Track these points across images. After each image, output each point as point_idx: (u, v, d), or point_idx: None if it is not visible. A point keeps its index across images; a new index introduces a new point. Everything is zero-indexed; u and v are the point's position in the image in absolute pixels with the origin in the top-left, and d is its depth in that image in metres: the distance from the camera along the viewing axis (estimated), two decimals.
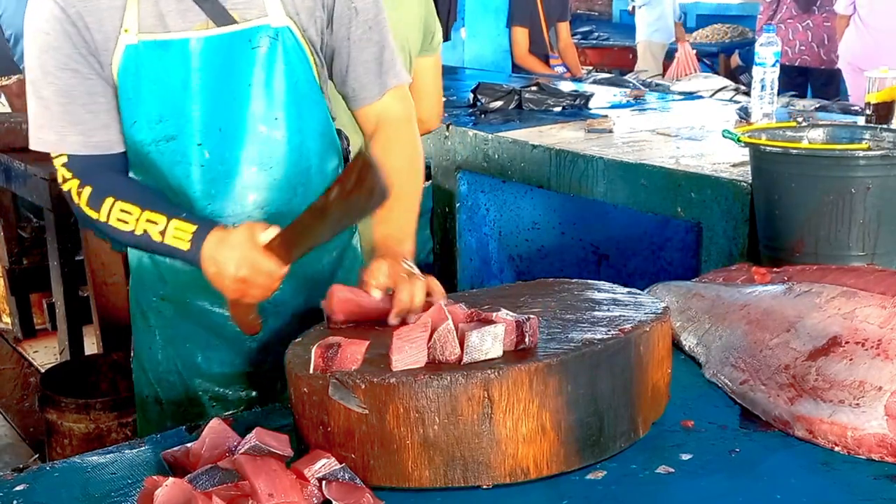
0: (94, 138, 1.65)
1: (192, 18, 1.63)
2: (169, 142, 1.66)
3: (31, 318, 4.77)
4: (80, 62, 1.62)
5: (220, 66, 1.64)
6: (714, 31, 8.93)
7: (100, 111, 1.65)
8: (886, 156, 1.94)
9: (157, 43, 1.61)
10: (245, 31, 1.64)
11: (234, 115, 1.66)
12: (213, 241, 1.56)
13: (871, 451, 1.33)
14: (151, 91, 1.63)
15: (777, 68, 3.06)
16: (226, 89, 1.65)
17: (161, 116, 1.64)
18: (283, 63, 1.67)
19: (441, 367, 1.26)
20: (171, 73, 1.63)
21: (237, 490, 1.14)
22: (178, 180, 1.68)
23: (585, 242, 3.76)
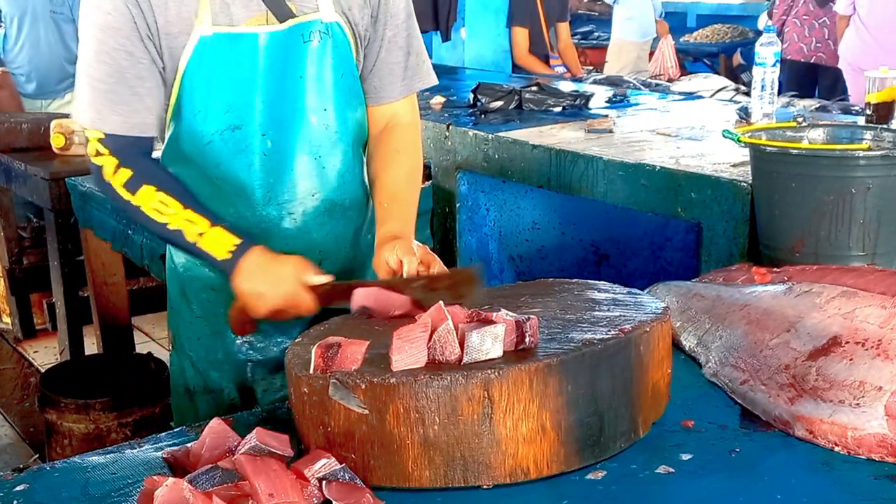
0: (133, 119, 1.68)
1: (254, 8, 1.69)
2: (234, 131, 1.72)
3: (31, 318, 4.78)
4: (137, 45, 1.66)
5: (279, 59, 1.70)
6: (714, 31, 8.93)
7: (144, 94, 1.69)
8: (886, 156, 1.94)
9: (229, 36, 1.67)
10: (299, 26, 1.71)
11: (289, 106, 1.73)
12: (257, 259, 1.62)
13: (872, 451, 1.33)
14: (221, 82, 1.69)
15: (777, 68, 3.06)
16: (283, 81, 1.72)
17: (229, 107, 1.71)
18: (332, 57, 1.74)
19: (441, 367, 1.26)
20: (239, 65, 1.69)
21: (237, 490, 1.14)
22: (238, 169, 1.74)
23: (585, 242, 3.76)
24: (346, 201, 1.84)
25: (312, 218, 1.81)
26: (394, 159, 1.83)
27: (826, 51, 6.60)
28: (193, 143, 1.73)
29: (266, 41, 1.69)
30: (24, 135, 3.89)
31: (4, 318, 4.86)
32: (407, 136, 1.87)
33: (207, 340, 1.91)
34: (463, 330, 1.29)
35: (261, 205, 1.77)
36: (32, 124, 3.91)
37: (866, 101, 2.93)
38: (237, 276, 1.62)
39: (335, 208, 1.83)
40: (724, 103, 4.03)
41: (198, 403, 1.95)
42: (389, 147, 1.84)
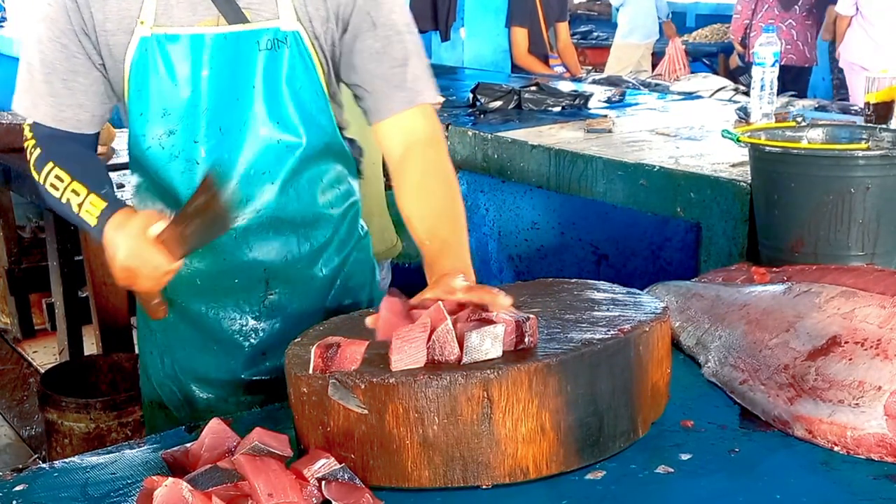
0: (63, 114, 1.67)
1: (203, 12, 1.62)
2: (169, 136, 1.66)
3: (30, 318, 4.77)
4: (71, 39, 1.63)
5: (226, 64, 1.63)
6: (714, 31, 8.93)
7: (77, 90, 1.66)
8: (886, 156, 1.94)
9: (168, 37, 1.61)
10: (253, 32, 1.63)
11: (235, 117, 1.65)
12: (115, 223, 1.57)
13: (871, 450, 1.33)
14: (159, 84, 1.63)
15: (776, 68, 3.06)
16: (230, 89, 1.64)
17: (165, 111, 1.65)
18: (289, 68, 1.65)
19: (441, 367, 1.26)
20: (179, 67, 1.62)
21: (236, 490, 1.14)
22: (172, 177, 1.68)
23: (585, 242, 3.76)
24: (297, 218, 1.73)
25: (253, 233, 1.71)
26: (422, 188, 1.65)
27: (796, 52, 6.65)
28: (138, 145, 1.69)
29: (210, 43, 1.61)
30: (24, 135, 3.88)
31: (4, 319, 4.86)
32: (428, 155, 1.68)
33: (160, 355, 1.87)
34: (462, 330, 1.29)
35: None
36: None
37: (866, 101, 2.93)
38: (104, 242, 1.58)
39: (282, 224, 1.72)
40: (724, 103, 4.04)
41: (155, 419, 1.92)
42: (413, 175, 1.66)
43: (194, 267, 1.73)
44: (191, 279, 1.74)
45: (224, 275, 1.74)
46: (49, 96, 1.66)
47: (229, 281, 1.74)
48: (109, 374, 3.31)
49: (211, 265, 1.73)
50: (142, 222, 1.53)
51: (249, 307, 1.77)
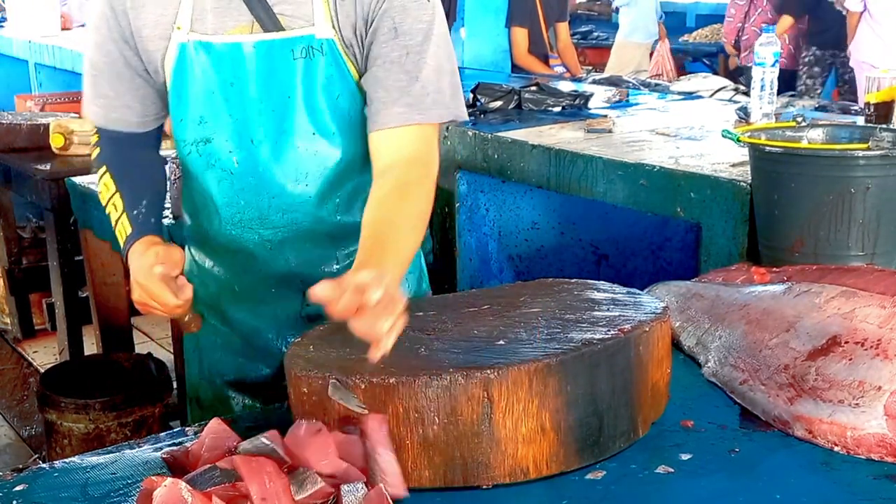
0: (112, 114, 1.70)
1: (239, 18, 1.60)
2: (206, 144, 1.66)
3: (30, 318, 4.78)
4: (111, 46, 1.66)
5: (262, 74, 1.60)
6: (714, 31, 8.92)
7: (122, 92, 1.68)
8: (886, 156, 1.94)
9: (204, 44, 1.60)
10: (288, 41, 1.59)
11: (270, 126, 1.63)
12: (134, 253, 1.61)
13: (871, 450, 1.33)
14: (196, 91, 1.63)
15: (777, 68, 3.06)
16: (266, 99, 1.61)
17: (201, 118, 1.65)
18: (325, 76, 1.61)
19: (441, 367, 1.26)
20: (215, 75, 1.61)
21: (235, 490, 1.14)
22: (209, 184, 1.69)
23: (585, 242, 3.76)
24: (335, 229, 1.71)
25: (289, 244, 1.69)
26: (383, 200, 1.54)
27: (787, 56, 6.66)
28: (179, 150, 1.70)
29: (246, 52, 1.59)
30: (23, 135, 3.89)
31: (4, 318, 4.86)
32: (408, 175, 1.56)
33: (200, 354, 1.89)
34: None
35: (227, 224, 1.69)
36: (32, 124, 3.91)
37: (866, 101, 2.93)
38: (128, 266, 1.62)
39: (321, 237, 1.71)
40: (724, 103, 4.03)
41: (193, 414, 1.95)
42: (381, 190, 1.55)
43: (232, 275, 1.75)
44: (229, 285, 1.75)
45: (261, 284, 1.74)
46: (98, 98, 1.70)
47: (266, 291, 1.75)
48: (109, 374, 3.31)
49: (248, 275, 1.74)
50: (151, 260, 1.55)
51: (286, 317, 1.77)
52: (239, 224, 1.69)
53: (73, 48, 6.08)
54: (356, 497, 1.14)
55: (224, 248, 1.73)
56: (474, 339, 1.39)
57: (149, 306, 1.57)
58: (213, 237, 1.73)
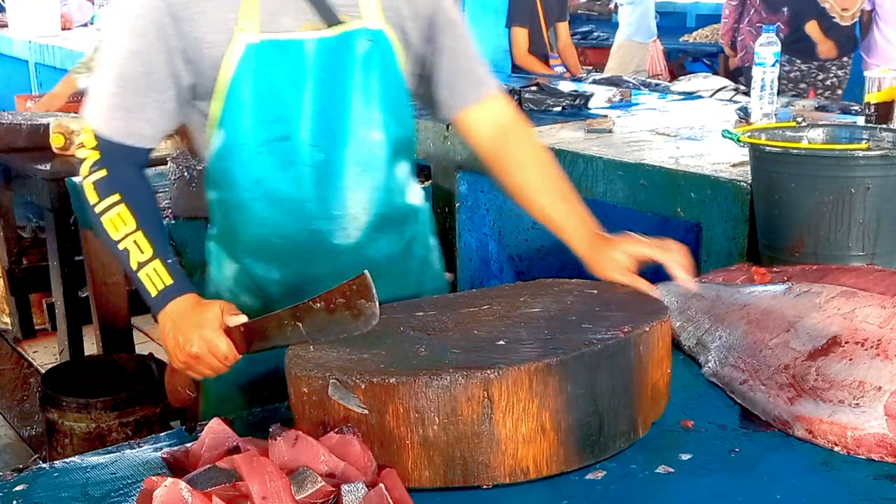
0: (132, 128, 1.63)
1: (302, 17, 1.64)
2: (282, 142, 1.66)
3: (30, 318, 4.77)
4: (156, 55, 1.60)
5: (328, 67, 1.66)
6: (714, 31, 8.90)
7: (149, 105, 1.63)
8: (886, 156, 1.94)
9: (277, 43, 1.62)
10: (348, 34, 1.66)
11: (338, 116, 1.68)
12: (182, 305, 1.54)
13: (871, 451, 1.33)
14: (270, 91, 1.63)
15: (777, 68, 3.06)
16: (331, 90, 1.67)
17: (277, 116, 1.65)
18: (379, 66, 1.69)
19: (441, 367, 1.26)
20: (288, 73, 1.64)
21: (235, 490, 1.14)
22: (287, 182, 1.68)
23: None
24: (396, 214, 1.79)
25: (365, 233, 1.74)
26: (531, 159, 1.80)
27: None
28: (240, 155, 1.66)
29: (315, 48, 1.64)
30: (24, 135, 3.88)
31: (4, 318, 4.86)
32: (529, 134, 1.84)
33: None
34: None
35: (312, 218, 1.70)
36: (32, 124, 3.91)
37: (866, 101, 2.93)
38: (161, 318, 1.56)
39: (385, 223, 1.77)
40: (724, 103, 4.03)
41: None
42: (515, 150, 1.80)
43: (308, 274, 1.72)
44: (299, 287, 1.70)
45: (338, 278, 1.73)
46: (121, 110, 1.62)
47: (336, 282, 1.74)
48: (110, 375, 3.31)
49: (326, 269, 1.71)
50: (217, 313, 1.51)
51: None
52: (321, 217, 1.71)
53: (73, 48, 6.09)
54: (356, 497, 1.14)
55: (296, 247, 1.72)
56: (474, 339, 1.39)
57: (201, 362, 1.51)
58: (285, 236, 1.71)
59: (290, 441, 1.20)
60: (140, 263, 1.56)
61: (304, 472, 1.15)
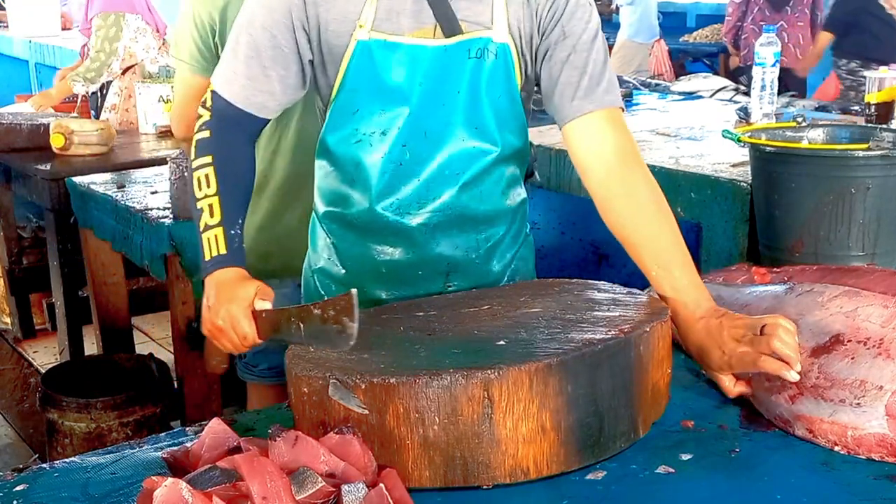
0: (254, 98, 1.69)
1: (423, 20, 1.67)
2: (381, 136, 1.71)
3: (30, 318, 4.77)
4: (284, 32, 1.66)
5: (439, 73, 1.68)
6: (714, 31, 8.91)
7: (273, 78, 1.68)
8: (886, 156, 1.94)
9: (387, 44, 1.66)
10: (469, 42, 1.68)
11: (439, 120, 1.70)
12: (225, 276, 1.58)
13: (871, 450, 1.33)
14: (376, 86, 1.68)
15: (777, 68, 3.06)
16: (438, 94, 1.69)
17: (380, 111, 1.70)
18: (493, 77, 1.70)
19: (441, 367, 1.26)
20: (396, 74, 1.67)
21: (236, 490, 1.14)
22: (376, 174, 1.73)
23: (585, 242, 3.76)
24: (480, 215, 1.80)
25: (441, 230, 1.77)
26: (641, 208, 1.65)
27: (787, 55, 6.61)
28: (343, 138, 1.73)
29: (428, 55, 1.67)
30: (24, 135, 3.88)
31: (4, 318, 4.86)
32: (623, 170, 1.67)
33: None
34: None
35: (391, 211, 1.75)
36: (32, 124, 3.91)
37: (866, 101, 2.93)
38: (206, 283, 1.60)
39: (466, 223, 1.79)
40: (724, 103, 4.04)
41: None
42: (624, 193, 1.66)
43: (384, 257, 1.79)
44: (376, 267, 1.79)
45: (411, 266, 1.79)
46: (245, 78, 1.68)
47: (413, 272, 1.80)
48: (110, 375, 3.31)
49: (400, 256, 1.79)
50: (251, 293, 1.54)
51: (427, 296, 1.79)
52: (398, 210, 1.75)
53: (73, 48, 6.08)
54: (356, 497, 1.14)
55: (378, 232, 1.77)
56: (474, 339, 1.39)
57: (224, 335, 1.55)
58: (368, 222, 1.77)
59: (290, 441, 1.20)
60: (207, 226, 1.62)
61: (304, 473, 1.15)
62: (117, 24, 4.42)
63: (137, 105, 4.27)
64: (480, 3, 1.68)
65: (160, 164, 3.28)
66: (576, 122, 1.71)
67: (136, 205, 3.03)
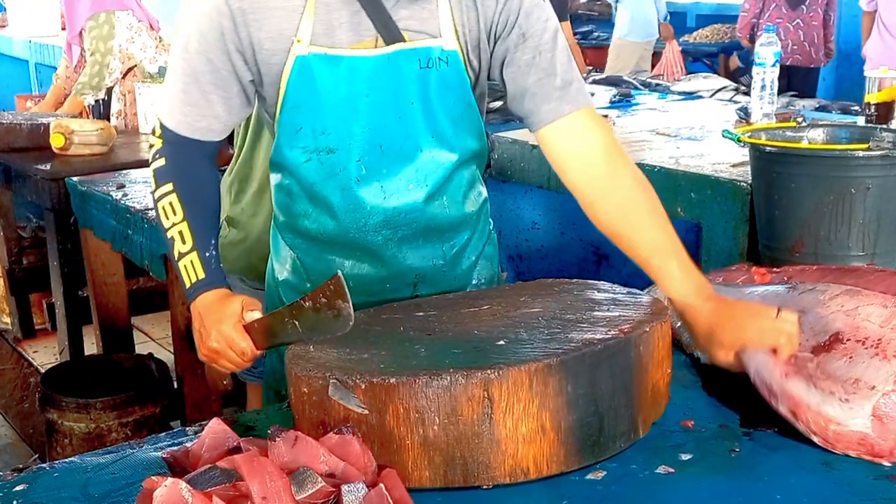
0: (197, 123, 1.67)
1: (363, 33, 1.63)
2: (329, 154, 1.68)
3: (30, 318, 4.77)
4: (219, 55, 1.63)
5: (387, 84, 1.65)
6: (714, 32, 8.92)
7: (215, 102, 1.66)
8: (886, 156, 1.94)
9: (327, 57, 1.62)
10: (415, 51, 1.64)
11: (395, 133, 1.67)
12: (208, 300, 1.58)
13: (849, 447, 1.33)
14: (318, 103, 1.64)
15: (777, 68, 3.06)
16: (390, 107, 1.66)
17: (325, 128, 1.66)
18: (445, 85, 1.67)
19: (441, 367, 1.26)
20: (338, 87, 1.64)
21: (235, 490, 1.14)
22: (331, 192, 1.70)
23: (585, 242, 3.76)
24: (445, 224, 1.78)
25: (407, 242, 1.76)
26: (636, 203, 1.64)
27: (802, 52, 6.63)
28: (292, 158, 1.70)
29: (369, 65, 1.63)
30: (23, 135, 3.88)
31: (4, 318, 4.86)
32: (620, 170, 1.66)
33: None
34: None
35: (352, 229, 1.73)
36: (32, 124, 3.91)
37: (866, 101, 2.93)
38: (192, 310, 1.60)
39: (432, 233, 1.77)
40: (724, 103, 4.04)
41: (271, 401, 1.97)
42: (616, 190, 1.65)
43: (351, 272, 1.76)
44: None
45: (379, 280, 1.78)
46: (185, 105, 1.66)
47: (381, 286, 1.78)
48: (110, 375, 3.31)
49: (369, 271, 1.77)
50: (237, 309, 1.54)
51: None
52: (363, 228, 1.72)
53: None
54: (356, 497, 1.14)
55: (343, 247, 1.75)
56: (474, 339, 1.39)
57: (222, 356, 1.55)
58: (332, 238, 1.75)
59: (289, 441, 1.20)
60: (181, 254, 1.61)
61: (304, 473, 1.15)
62: (109, 21, 4.38)
63: (137, 105, 4.27)
64: (424, 10, 1.64)
65: None
66: (554, 125, 1.67)
67: (136, 205, 3.03)
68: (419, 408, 1.23)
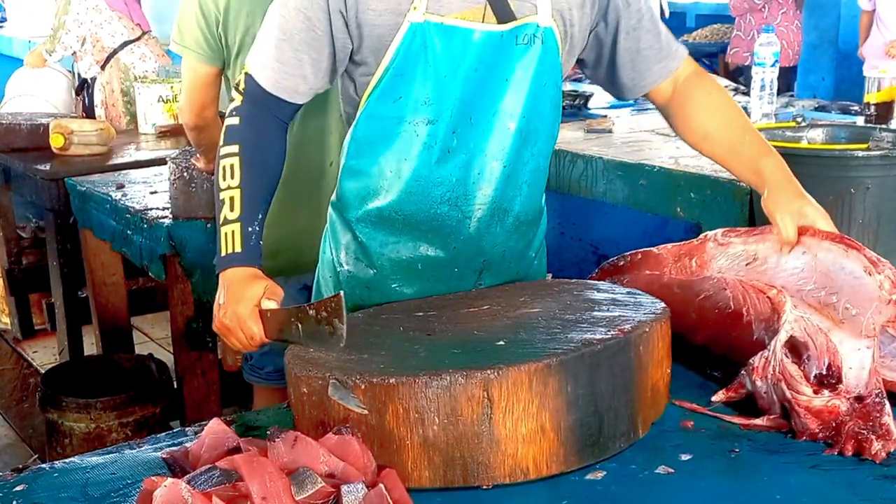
0: (285, 82, 1.66)
1: (473, 2, 1.63)
2: (427, 125, 1.66)
3: (30, 318, 4.77)
4: (318, 14, 1.62)
5: (489, 59, 1.65)
6: (714, 32, 8.91)
7: (305, 62, 1.65)
8: (886, 156, 1.94)
9: (442, 27, 1.61)
10: (516, 28, 1.64)
11: (485, 108, 1.67)
12: (237, 275, 1.58)
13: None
14: (425, 72, 1.63)
15: (776, 68, 3.06)
16: (486, 81, 1.66)
17: (428, 98, 1.65)
18: (539, 63, 1.67)
19: (441, 367, 1.26)
20: (447, 58, 1.63)
21: (235, 490, 1.14)
22: (422, 163, 1.69)
23: (585, 242, 3.76)
24: (523, 215, 1.77)
25: (485, 225, 1.74)
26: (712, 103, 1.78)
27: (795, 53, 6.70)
28: (386, 127, 1.68)
29: (481, 39, 1.63)
30: (23, 135, 3.88)
31: (4, 319, 4.86)
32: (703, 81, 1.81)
33: None
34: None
35: (435, 202, 1.71)
36: (32, 124, 3.91)
37: (865, 101, 2.93)
38: (220, 279, 1.60)
39: (509, 219, 1.75)
40: None
41: None
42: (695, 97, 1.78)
43: (420, 253, 1.74)
44: (412, 264, 1.75)
45: (449, 263, 1.75)
46: (276, 62, 1.65)
47: (449, 269, 1.76)
48: (110, 375, 3.31)
49: (438, 252, 1.74)
50: (259, 293, 1.54)
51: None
52: (447, 202, 1.71)
53: None
54: (356, 497, 1.14)
55: (417, 226, 1.73)
56: (474, 339, 1.39)
57: (232, 334, 1.56)
58: (410, 214, 1.72)
59: (289, 442, 1.20)
60: (226, 220, 1.60)
61: (304, 473, 1.15)
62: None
63: (137, 105, 4.28)
64: None
65: (160, 165, 3.28)
66: (666, 81, 1.79)
67: (136, 205, 3.03)
68: (419, 408, 1.23)
